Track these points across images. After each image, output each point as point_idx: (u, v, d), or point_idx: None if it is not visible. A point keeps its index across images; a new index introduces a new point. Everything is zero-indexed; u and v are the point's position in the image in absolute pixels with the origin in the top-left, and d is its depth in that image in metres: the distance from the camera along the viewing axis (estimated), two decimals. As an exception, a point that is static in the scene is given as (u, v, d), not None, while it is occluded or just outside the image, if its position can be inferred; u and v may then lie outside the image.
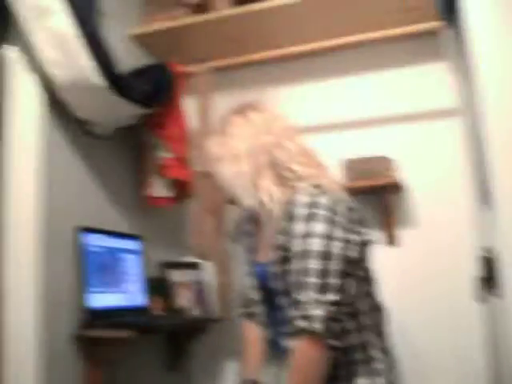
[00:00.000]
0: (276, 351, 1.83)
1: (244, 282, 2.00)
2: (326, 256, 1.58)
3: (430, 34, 2.73)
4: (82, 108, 2.31)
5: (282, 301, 1.71)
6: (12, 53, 2.17)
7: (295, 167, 1.75)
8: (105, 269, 2.42)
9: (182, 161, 2.69)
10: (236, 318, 2.69)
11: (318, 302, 1.55)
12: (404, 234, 2.82)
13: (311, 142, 1.86)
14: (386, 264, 1.92)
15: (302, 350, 1.57)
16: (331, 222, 1.62)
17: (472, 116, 1.84)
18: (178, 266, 2.90)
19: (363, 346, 1.68)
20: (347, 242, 1.63)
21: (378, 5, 2.65)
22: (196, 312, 2.79)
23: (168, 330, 2.65)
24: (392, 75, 2.95)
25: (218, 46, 2.93)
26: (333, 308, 1.56)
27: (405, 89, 2.91)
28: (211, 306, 2.83)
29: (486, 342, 2.48)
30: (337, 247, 1.60)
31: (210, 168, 1.86)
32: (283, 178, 1.75)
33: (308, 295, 1.56)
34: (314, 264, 1.58)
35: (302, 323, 1.55)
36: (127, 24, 2.88)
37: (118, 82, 2.23)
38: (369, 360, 1.68)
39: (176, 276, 2.84)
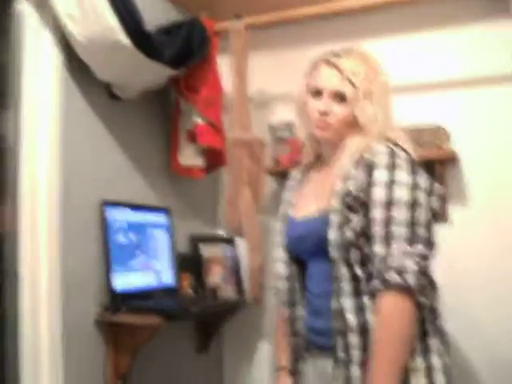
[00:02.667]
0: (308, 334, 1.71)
1: (273, 255, 1.83)
2: (413, 205, 1.51)
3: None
4: (105, 69, 2.13)
5: (336, 255, 1.57)
6: (27, 7, 1.97)
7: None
8: (131, 246, 2.24)
9: (215, 127, 2.49)
10: (268, 299, 2.52)
11: (409, 254, 1.47)
12: (457, 211, 2.56)
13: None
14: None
15: (392, 305, 1.47)
16: (413, 171, 1.56)
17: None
18: (210, 241, 2.71)
19: (421, 321, 1.54)
20: (430, 192, 1.58)
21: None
22: (228, 291, 2.61)
23: (198, 316, 2.48)
24: (449, 35, 2.65)
25: (254, 0, 2.67)
26: (423, 261, 1.48)
27: (463, 50, 2.62)
28: (244, 286, 2.64)
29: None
30: (422, 197, 1.54)
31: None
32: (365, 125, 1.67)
33: (397, 247, 1.48)
34: (401, 213, 1.50)
35: (394, 276, 1.45)
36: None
37: (145, 41, 2.04)
38: (424, 336, 1.55)
39: (208, 251, 2.65)
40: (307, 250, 1.70)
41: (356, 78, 1.64)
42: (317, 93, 1.70)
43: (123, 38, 1.95)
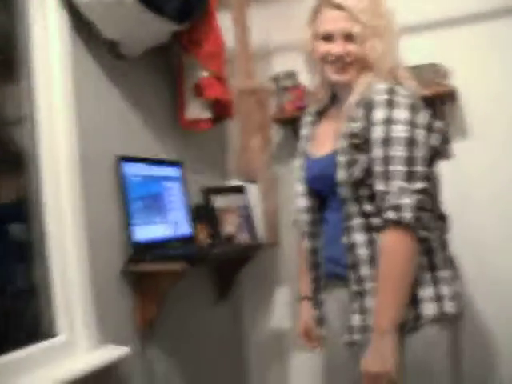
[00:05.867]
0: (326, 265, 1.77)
1: (294, 189, 1.87)
2: (410, 143, 1.52)
3: None
4: (110, 27, 2.13)
5: (346, 194, 1.62)
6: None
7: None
8: (147, 199, 2.30)
9: (220, 79, 2.50)
10: (284, 242, 2.59)
11: (407, 191, 1.49)
12: (458, 147, 2.61)
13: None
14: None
15: (392, 243, 1.51)
16: (412, 108, 1.56)
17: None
18: (222, 191, 2.77)
19: (427, 253, 1.60)
20: (430, 129, 1.59)
21: None
22: (244, 238, 2.67)
23: (219, 259, 2.56)
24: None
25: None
26: (421, 196, 1.50)
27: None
28: (259, 232, 2.71)
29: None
30: (420, 134, 1.55)
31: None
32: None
33: (395, 184, 1.50)
34: (398, 151, 1.51)
35: (390, 214, 1.49)
36: None
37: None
38: (433, 267, 1.60)
39: (221, 202, 2.71)
40: (323, 188, 1.75)
41: (363, 16, 1.62)
42: (327, 37, 1.67)
43: (126, -6, 1.95)
